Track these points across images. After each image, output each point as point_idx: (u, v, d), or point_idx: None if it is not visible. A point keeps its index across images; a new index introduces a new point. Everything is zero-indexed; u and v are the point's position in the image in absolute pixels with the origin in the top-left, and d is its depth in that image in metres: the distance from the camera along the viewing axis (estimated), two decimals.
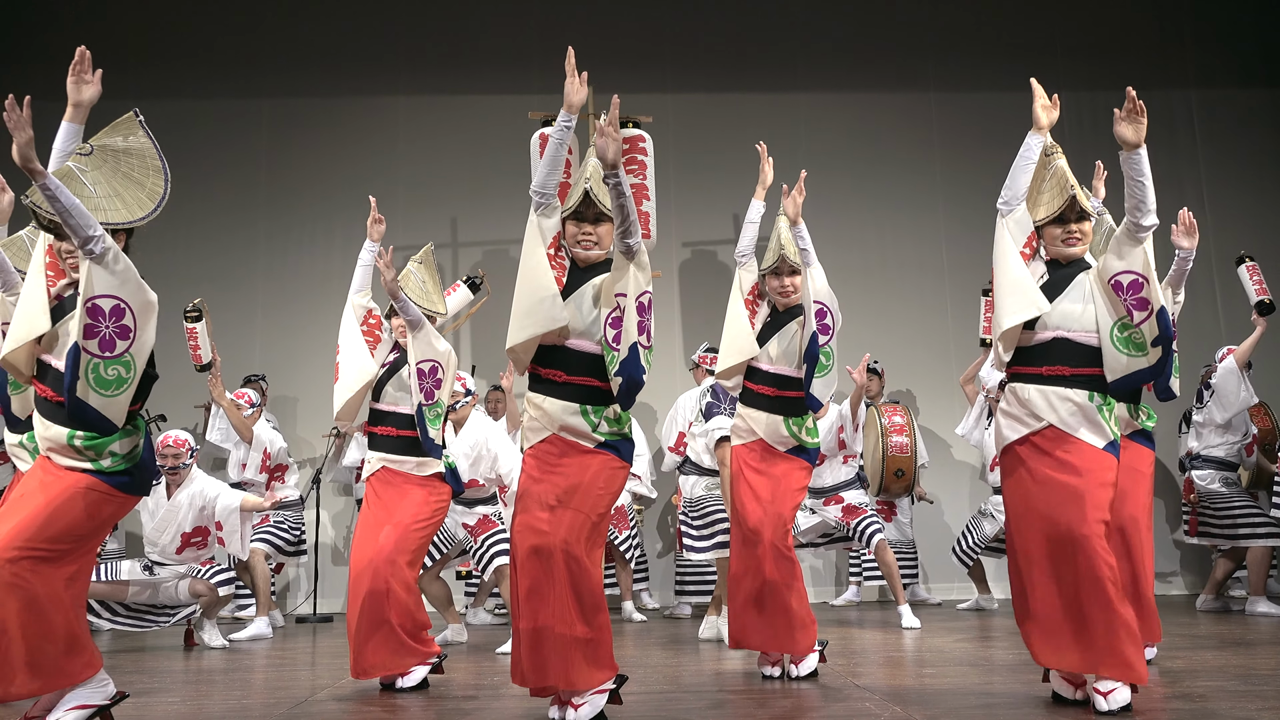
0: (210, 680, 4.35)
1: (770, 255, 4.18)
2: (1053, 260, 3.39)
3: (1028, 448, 3.24)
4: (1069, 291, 3.28)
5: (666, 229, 8.07)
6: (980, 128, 8.72)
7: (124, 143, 3.07)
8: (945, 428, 8.05)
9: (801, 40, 8.88)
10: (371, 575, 3.82)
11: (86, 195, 2.91)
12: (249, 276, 8.36)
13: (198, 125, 8.43)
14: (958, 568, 7.01)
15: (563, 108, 3.10)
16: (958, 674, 4.03)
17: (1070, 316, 3.25)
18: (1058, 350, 3.23)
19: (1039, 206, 3.42)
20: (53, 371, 2.98)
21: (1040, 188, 3.44)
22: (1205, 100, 8.88)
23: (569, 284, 3.16)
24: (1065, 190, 3.36)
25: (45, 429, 2.95)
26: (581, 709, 3.01)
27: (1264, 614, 6.00)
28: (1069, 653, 3.13)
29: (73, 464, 2.92)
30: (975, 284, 7.61)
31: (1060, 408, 3.20)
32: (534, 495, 3.07)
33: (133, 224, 3.01)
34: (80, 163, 2.97)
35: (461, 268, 8.30)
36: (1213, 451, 6.44)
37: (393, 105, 8.68)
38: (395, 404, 4.10)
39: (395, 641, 3.83)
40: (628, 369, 3.04)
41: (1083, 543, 3.07)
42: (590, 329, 3.12)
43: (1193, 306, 8.21)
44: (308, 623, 6.99)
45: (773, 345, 4.11)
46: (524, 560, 3.03)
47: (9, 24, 8.56)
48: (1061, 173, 3.41)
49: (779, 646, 3.94)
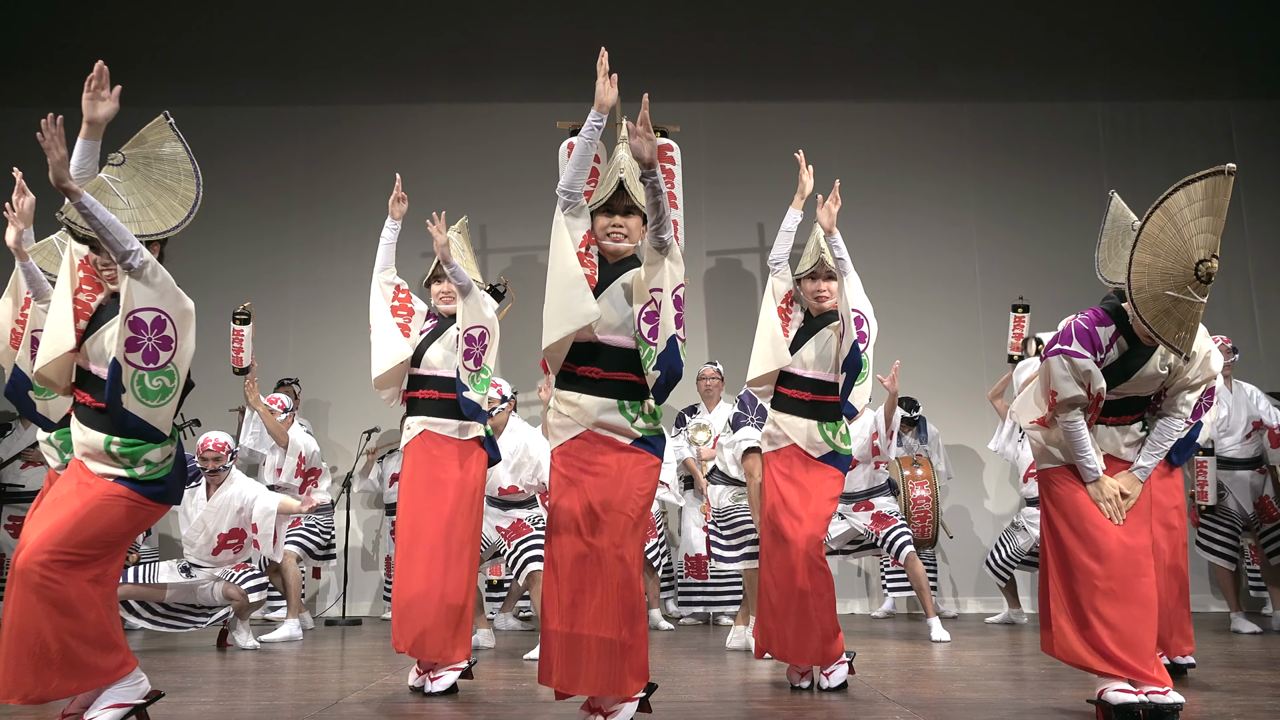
0: (242, 681, 4.39)
1: (808, 259, 4.19)
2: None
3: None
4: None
5: (693, 238, 8.08)
6: (1013, 138, 8.68)
7: (155, 149, 3.06)
8: (974, 439, 8.00)
9: (832, 49, 8.87)
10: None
11: (120, 208, 2.92)
12: (282, 281, 8.45)
13: (233, 132, 8.54)
14: (985, 581, 6.96)
15: (593, 108, 3.08)
16: (988, 688, 4.00)
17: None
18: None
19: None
20: (92, 378, 3.01)
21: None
22: (1243, 112, 8.78)
23: (600, 280, 3.14)
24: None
25: (83, 434, 2.97)
26: (612, 718, 3.00)
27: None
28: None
29: (107, 470, 2.94)
30: (1006, 294, 7.56)
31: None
32: (573, 497, 3.03)
33: (167, 234, 3.02)
34: (112, 173, 2.98)
35: (491, 274, 8.35)
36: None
37: (425, 113, 8.75)
38: (434, 368, 4.15)
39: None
40: (667, 361, 3.03)
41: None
42: (625, 324, 3.10)
43: (1230, 323, 8.13)
44: (337, 625, 7.04)
45: (808, 350, 4.09)
46: (571, 565, 2.97)
47: (50, 29, 8.71)
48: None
49: (808, 659, 3.92)
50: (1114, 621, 3.13)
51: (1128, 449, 3.32)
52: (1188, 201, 3.02)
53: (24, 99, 7.99)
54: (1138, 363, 3.24)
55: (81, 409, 3.02)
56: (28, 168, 3.51)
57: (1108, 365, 3.23)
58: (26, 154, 5.49)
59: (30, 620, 2.82)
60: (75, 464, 3.01)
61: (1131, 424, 3.34)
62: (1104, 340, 3.22)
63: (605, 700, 2.99)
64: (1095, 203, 8.59)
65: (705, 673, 4.51)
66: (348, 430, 7.95)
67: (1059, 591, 3.26)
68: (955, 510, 7.65)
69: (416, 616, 3.87)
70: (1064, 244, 8.34)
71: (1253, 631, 6.06)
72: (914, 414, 7.29)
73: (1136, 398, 3.32)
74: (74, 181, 2.75)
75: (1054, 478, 3.32)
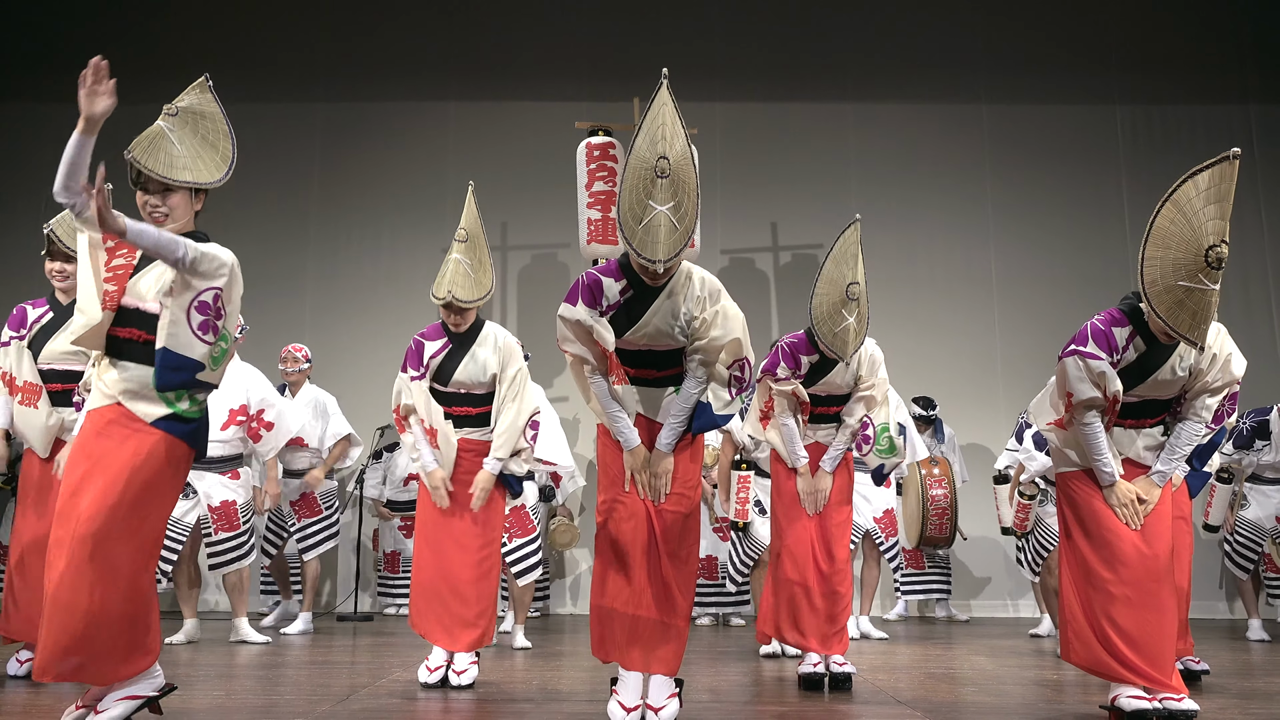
0: (252, 675, 4.40)
1: (840, 346, 3.94)
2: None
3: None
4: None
5: (709, 237, 8.08)
6: (1032, 140, 8.64)
7: (200, 106, 3.23)
8: (990, 440, 7.97)
9: (852, 50, 8.84)
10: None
11: (176, 154, 3.06)
12: (299, 278, 8.49)
13: (252, 129, 8.56)
14: (997, 584, 6.92)
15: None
16: (1000, 692, 3.98)
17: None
18: None
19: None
20: (139, 314, 2.98)
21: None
22: (1264, 115, 8.72)
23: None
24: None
25: (125, 371, 2.94)
26: (663, 712, 3.08)
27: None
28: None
29: (149, 409, 2.91)
30: (1024, 296, 7.55)
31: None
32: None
33: (213, 184, 3.14)
34: (169, 122, 3.12)
35: (511, 270, 8.39)
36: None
37: (443, 111, 8.78)
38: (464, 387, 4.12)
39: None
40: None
41: None
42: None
43: (1248, 326, 8.08)
44: (348, 621, 7.07)
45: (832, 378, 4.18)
46: (640, 548, 3.14)
47: (73, 27, 8.76)
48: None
49: (825, 648, 4.05)
50: (1129, 628, 3.11)
51: (1147, 452, 3.29)
52: (1196, 191, 3.03)
53: (44, 96, 8.04)
54: (1155, 363, 3.21)
55: (126, 344, 2.97)
56: (29, 163, 3.54)
57: (1125, 366, 3.21)
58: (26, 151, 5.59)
59: (79, 595, 2.73)
60: (108, 418, 2.92)
61: (1151, 428, 3.31)
62: (1120, 341, 3.20)
63: (656, 683, 3.18)
64: (1114, 205, 8.63)
65: (715, 674, 4.50)
66: (361, 426, 7.97)
67: (1075, 597, 3.24)
68: (968, 512, 7.60)
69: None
70: (1082, 246, 8.29)
71: (1260, 640, 6.05)
72: (930, 412, 7.26)
73: (1156, 401, 3.29)
74: (115, 218, 2.72)
75: (1071, 483, 3.29)
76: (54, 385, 4.23)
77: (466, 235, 4.20)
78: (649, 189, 3.02)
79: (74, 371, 4.17)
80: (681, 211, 3.04)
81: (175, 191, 3.05)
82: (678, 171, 3.05)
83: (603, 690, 3.62)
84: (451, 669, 3.99)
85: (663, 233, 3.00)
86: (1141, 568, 3.14)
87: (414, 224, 8.45)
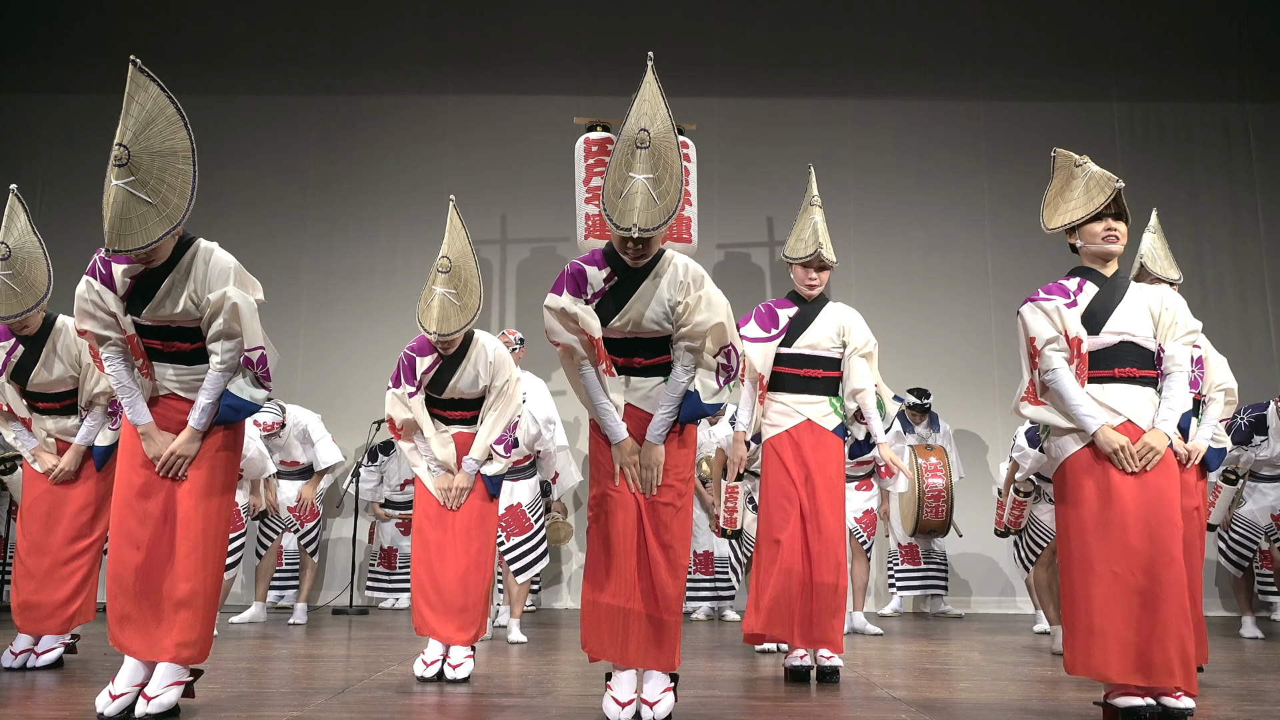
0: (247, 667, 4.40)
1: (803, 246, 4.16)
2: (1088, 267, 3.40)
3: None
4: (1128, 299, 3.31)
5: (705, 232, 8.07)
6: (1028, 137, 8.64)
7: (147, 113, 2.86)
8: (987, 434, 7.98)
9: (849, 46, 8.84)
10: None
11: (145, 211, 2.82)
12: (294, 271, 8.47)
13: (248, 121, 8.56)
14: (992, 579, 6.94)
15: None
16: (995, 688, 3.99)
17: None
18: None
19: (1072, 208, 3.37)
20: (172, 330, 3.17)
21: (1070, 192, 3.45)
22: (1261, 114, 8.73)
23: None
24: (1108, 186, 3.35)
25: (179, 372, 3.19)
26: (658, 706, 3.07)
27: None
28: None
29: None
30: (1019, 293, 7.49)
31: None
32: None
33: (187, 210, 2.91)
34: (120, 173, 2.80)
35: (510, 263, 8.38)
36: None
37: (441, 104, 8.76)
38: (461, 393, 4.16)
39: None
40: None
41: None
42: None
43: (1245, 327, 8.09)
44: (344, 614, 7.08)
45: (813, 332, 4.17)
46: (631, 541, 3.13)
47: (71, 20, 8.73)
48: (1099, 174, 3.39)
49: (821, 642, 4.02)
50: (1134, 626, 2.98)
51: (1143, 414, 3.15)
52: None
53: (39, 87, 8.02)
54: (1114, 300, 3.28)
55: (176, 355, 3.19)
56: (30, 158, 3.52)
57: (1087, 310, 3.26)
58: (27, 147, 5.54)
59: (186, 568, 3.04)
60: (174, 406, 3.17)
61: (1141, 384, 3.20)
62: (1071, 287, 3.31)
63: (650, 680, 3.16)
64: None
65: (710, 668, 4.51)
66: (357, 419, 7.97)
67: (1075, 597, 3.09)
68: (963, 507, 7.61)
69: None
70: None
71: (1253, 637, 6.06)
72: (924, 401, 7.26)
73: (1134, 346, 3.22)
74: (197, 434, 3.13)
75: (1069, 478, 3.16)
76: (49, 405, 4.26)
77: (450, 265, 3.96)
78: (629, 160, 3.00)
79: (66, 391, 4.23)
80: (662, 188, 2.99)
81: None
82: (658, 145, 3.01)
83: (597, 685, 3.63)
84: (447, 662, 4.01)
85: (639, 200, 2.96)
86: (1151, 559, 2.99)
87: (411, 217, 8.45)
